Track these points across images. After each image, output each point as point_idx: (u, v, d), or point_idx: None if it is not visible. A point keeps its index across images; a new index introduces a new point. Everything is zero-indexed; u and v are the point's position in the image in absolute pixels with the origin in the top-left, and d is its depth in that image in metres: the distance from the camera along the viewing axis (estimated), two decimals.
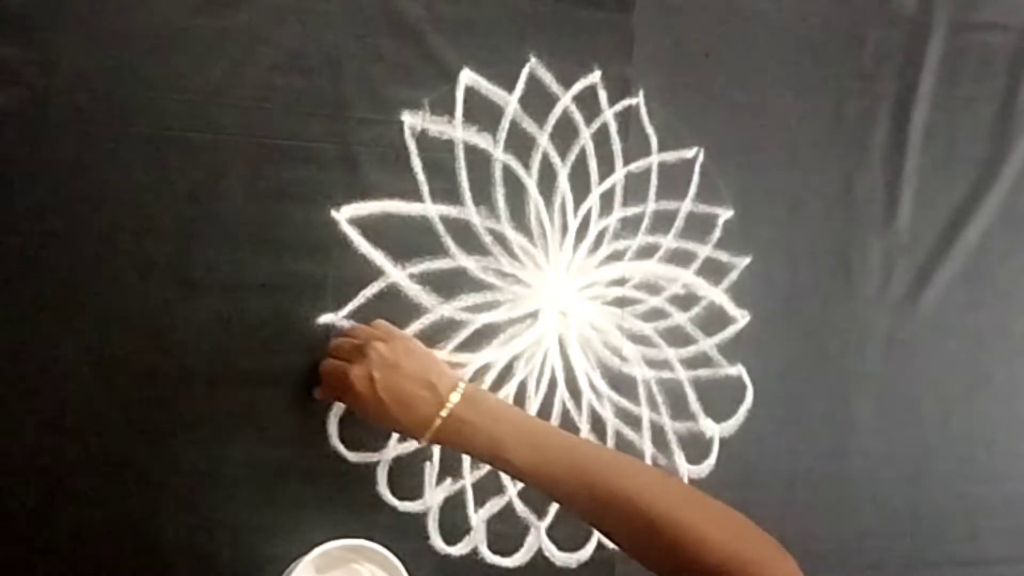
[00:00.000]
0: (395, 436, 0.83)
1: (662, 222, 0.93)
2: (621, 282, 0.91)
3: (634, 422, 0.91)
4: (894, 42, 1.00)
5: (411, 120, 0.83)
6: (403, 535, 0.82)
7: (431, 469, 0.84)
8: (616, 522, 0.66)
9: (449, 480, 0.85)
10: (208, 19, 0.77)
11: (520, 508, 0.87)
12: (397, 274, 0.83)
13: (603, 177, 0.90)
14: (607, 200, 0.91)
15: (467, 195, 0.85)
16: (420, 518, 0.84)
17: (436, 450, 0.84)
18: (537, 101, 0.87)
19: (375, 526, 0.81)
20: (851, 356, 0.99)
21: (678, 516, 0.62)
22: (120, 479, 0.76)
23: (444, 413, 0.69)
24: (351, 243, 0.81)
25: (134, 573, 0.76)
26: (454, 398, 0.70)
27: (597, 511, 0.66)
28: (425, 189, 0.84)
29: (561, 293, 0.89)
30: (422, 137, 0.84)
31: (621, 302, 0.91)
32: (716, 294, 0.95)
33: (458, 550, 0.85)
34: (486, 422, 0.69)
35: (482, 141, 0.86)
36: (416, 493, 0.84)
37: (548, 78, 0.88)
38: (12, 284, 0.73)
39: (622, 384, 0.91)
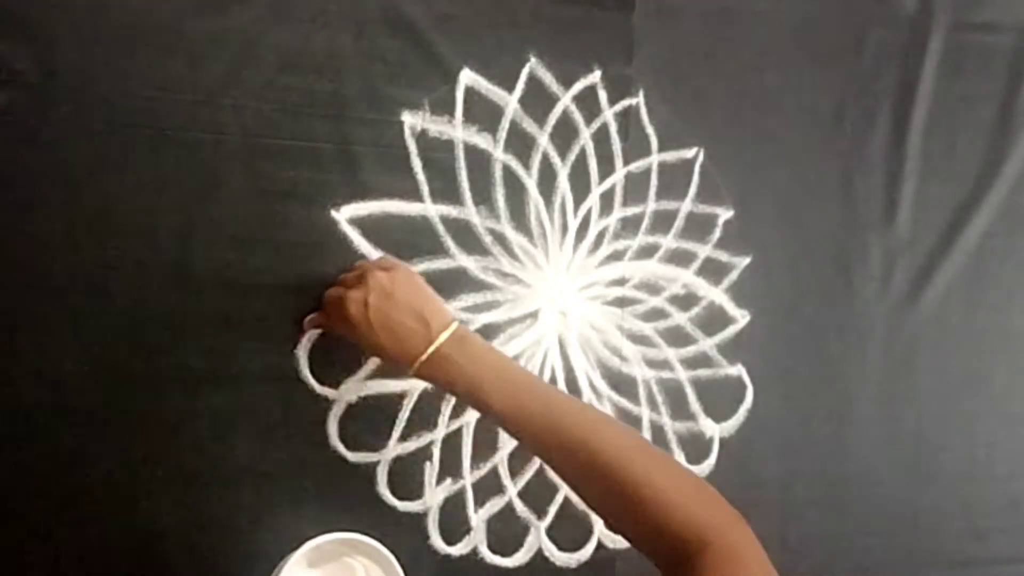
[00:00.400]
0: (395, 436, 0.83)
1: (662, 222, 0.93)
2: (621, 282, 0.91)
3: (634, 422, 0.91)
4: (894, 42, 1.00)
5: (411, 120, 0.83)
6: (403, 535, 0.82)
7: (431, 469, 0.84)
8: (585, 477, 0.67)
9: (449, 480, 0.85)
10: (208, 19, 0.77)
11: (520, 508, 0.87)
12: None
13: (603, 177, 0.90)
14: (607, 200, 0.91)
15: (467, 195, 0.85)
16: (420, 518, 0.84)
17: (436, 450, 0.84)
18: (537, 101, 0.87)
19: (375, 526, 0.80)
20: (851, 356, 0.99)
21: (647, 478, 0.64)
22: (120, 479, 0.76)
23: (431, 349, 0.70)
24: (351, 243, 0.81)
25: (133, 572, 0.76)
26: (444, 335, 0.71)
27: (568, 464, 0.68)
28: (425, 189, 0.84)
29: (561, 293, 0.89)
30: (422, 137, 0.84)
31: (621, 302, 0.91)
32: (716, 294, 0.95)
33: (458, 550, 0.85)
34: (470, 363, 0.71)
35: (482, 141, 0.86)
36: (416, 493, 0.84)
37: (548, 78, 0.88)
38: (12, 284, 0.73)
39: (622, 384, 0.91)
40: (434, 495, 0.84)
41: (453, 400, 0.85)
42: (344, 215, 0.81)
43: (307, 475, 0.80)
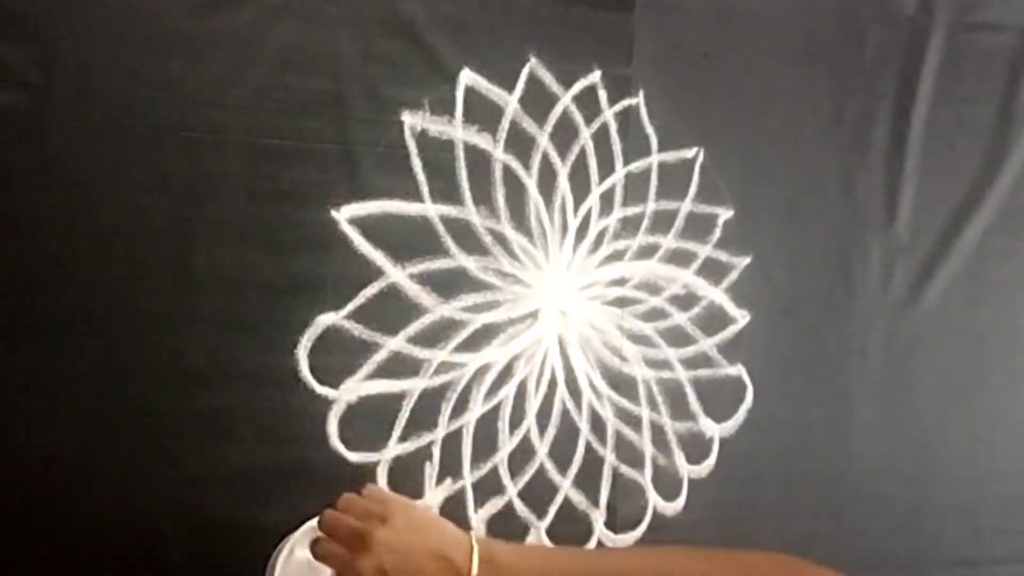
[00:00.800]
0: (395, 436, 0.83)
1: (662, 222, 0.93)
2: (621, 282, 0.91)
3: (634, 422, 0.91)
4: (894, 42, 1.00)
5: (411, 120, 0.83)
6: None
7: (431, 469, 0.84)
8: None
9: (449, 480, 0.85)
10: (208, 19, 0.77)
11: (520, 508, 0.87)
12: (397, 274, 0.83)
13: (603, 177, 0.90)
14: (607, 200, 0.91)
15: (467, 195, 0.85)
16: None
17: (436, 450, 0.84)
18: (537, 101, 0.87)
19: None
20: (851, 356, 0.99)
21: None
22: (120, 479, 0.76)
23: None
24: (351, 243, 0.81)
25: (133, 571, 0.76)
26: (474, 563, 0.64)
27: None
28: (425, 189, 0.84)
29: (561, 293, 0.89)
30: (422, 137, 0.84)
31: (621, 302, 0.91)
32: (716, 294, 0.95)
33: None
34: (516, 571, 0.64)
35: (482, 141, 0.86)
36: (416, 493, 0.84)
37: (548, 78, 0.88)
38: (12, 283, 0.73)
39: (622, 384, 0.91)
40: (434, 495, 0.84)
41: (453, 400, 0.85)
42: (344, 215, 0.81)
43: (307, 475, 0.80)
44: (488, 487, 0.86)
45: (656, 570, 0.63)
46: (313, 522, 0.71)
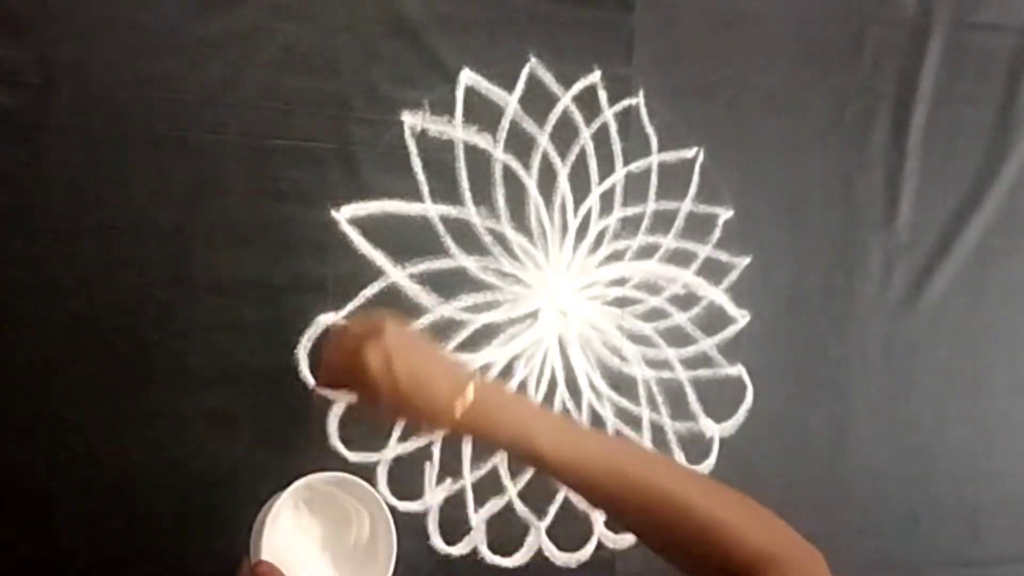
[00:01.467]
0: (395, 436, 0.83)
1: (662, 222, 0.93)
2: (621, 282, 0.91)
3: (634, 422, 0.91)
4: (894, 42, 1.00)
5: (411, 120, 0.83)
6: (403, 535, 0.82)
7: (431, 469, 0.84)
8: (646, 513, 0.63)
9: (449, 480, 0.85)
10: (208, 19, 0.77)
11: (520, 508, 0.87)
12: (397, 274, 0.83)
13: (603, 177, 0.90)
14: (607, 200, 0.91)
15: (467, 195, 0.85)
16: (420, 518, 0.84)
17: (436, 450, 0.84)
18: (537, 101, 0.87)
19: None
20: (851, 356, 0.99)
21: (712, 509, 0.62)
22: (120, 478, 0.76)
23: (467, 394, 0.62)
24: (351, 243, 0.81)
25: (133, 570, 0.76)
26: (474, 379, 0.63)
27: (627, 503, 0.64)
28: (425, 189, 0.84)
29: (561, 293, 0.89)
30: (422, 137, 0.84)
31: (621, 302, 0.91)
32: (716, 294, 0.95)
33: (458, 550, 0.85)
34: (509, 408, 0.64)
35: (482, 141, 0.86)
36: (416, 493, 0.84)
37: (548, 78, 0.88)
38: (12, 283, 0.73)
39: (622, 384, 0.91)
40: (434, 495, 0.84)
41: None
42: (344, 215, 0.81)
43: (307, 475, 0.80)
44: (488, 487, 0.86)
45: (640, 472, 0.63)
46: (301, 481, 0.71)
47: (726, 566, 0.60)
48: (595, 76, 0.89)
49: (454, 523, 0.85)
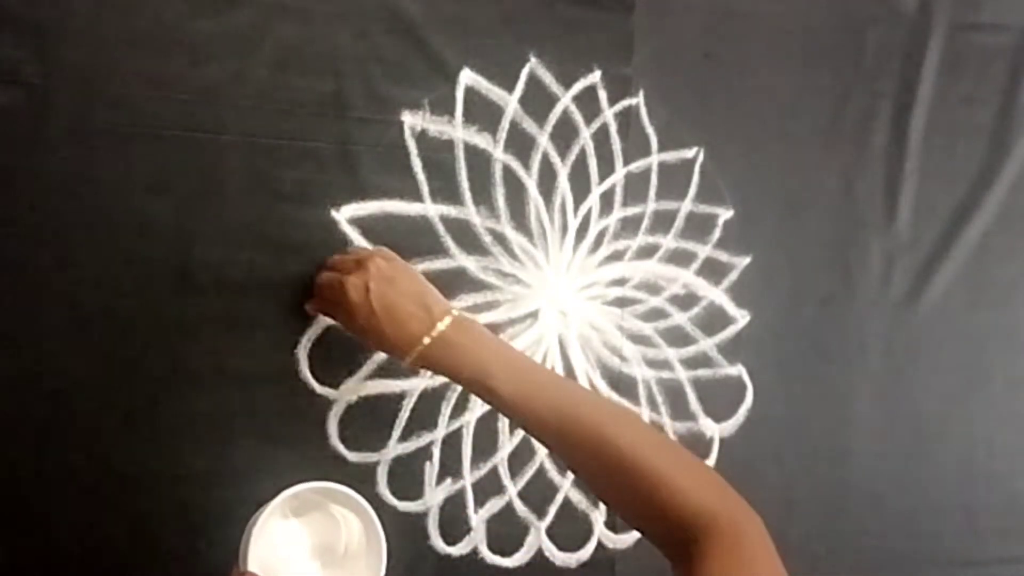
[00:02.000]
0: (395, 436, 0.83)
1: (662, 222, 0.93)
2: (621, 282, 0.91)
3: None
4: (894, 42, 1.00)
5: (411, 120, 0.83)
6: (403, 535, 0.82)
7: (431, 469, 0.84)
8: (594, 463, 0.66)
9: (449, 480, 0.85)
10: (208, 19, 0.77)
11: (520, 508, 0.87)
12: None
13: (603, 177, 0.90)
14: (607, 200, 0.91)
15: (467, 195, 0.85)
16: (420, 518, 0.84)
17: (436, 450, 0.84)
18: (537, 101, 0.87)
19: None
20: (851, 356, 0.99)
21: (657, 464, 0.63)
22: (120, 479, 0.76)
23: (434, 333, 0.69)
24: (351, 243, 0.81)
25: (132, 571, 0.76)
26: (446, 320, 0.70)
27: (576, 450, 0.67)
28: (425, 189, 0.84)
29: (561, 293, 0.89)
30: (422, 137, 0.84)
31: (621, 302, 0.91)
32: (716, 294, 0.95)
33: (458, 550, 0.85)
34: (475, 348, 0.70)
35: (482, 141, 0.86)
36: (416, 493, 0.84)
37: (548, 78, 0.88)
38: (11, 284, 0.73)
39: (622, 384, 0.91)
40: (434, 495, 0.84)
41: (453, 400, 0.85)
42: (344, 215, 0.81)
43: (307, 475, 0.80)
44: (488, 487, 0.86)
45: (590, 422, 0.66)
46: (288, 492, 0.71)
47: (666, 520, 0.62)
48: (595, 76, 0.89)
49: (454, 523, 0.85)
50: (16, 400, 0.73)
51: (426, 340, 0.70)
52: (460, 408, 0.85)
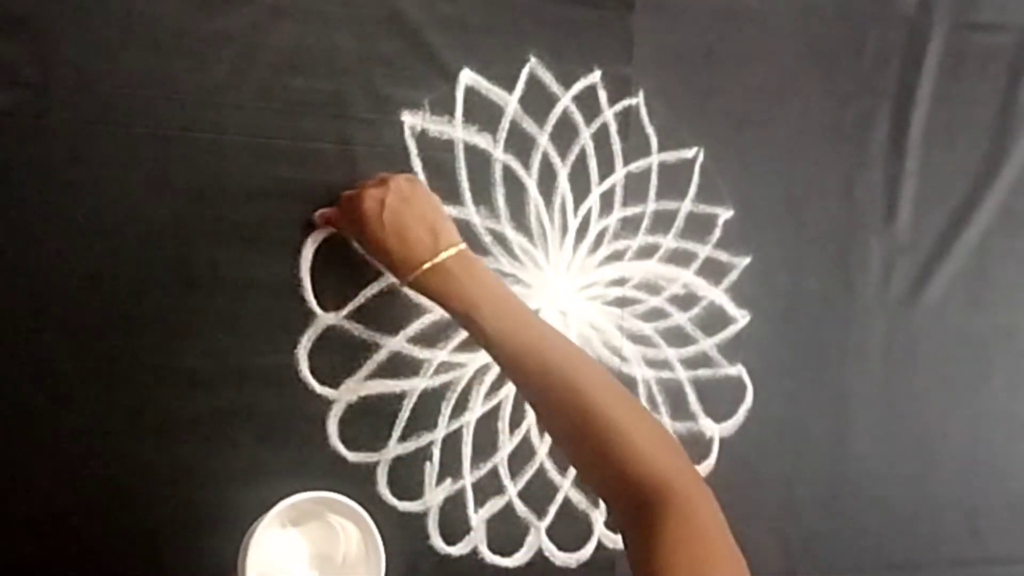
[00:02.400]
0: (395, 436, 0.83)
1: (662, 222, 0.93)
2: (621, 282, 0.91)
3: None
4: (894, 42, 1.00)
5: (411, 120, 0.83)
6: (403, 535, 0.82)
7: (431, 469, 0.84)
8: (561, 413, 0.67)
9: (449, 480, 0.85)
10: (208, 19, 0.77)
11: (520, 508, 0.87)
12: None
13: (603, 177, 0.90)
14: (607, 200, 0.91)
15: (467, 195, 0.85)
16: (420, 518, 0.84)
17: (436, 450, 0.84)
18: (537, 101, 0.87)
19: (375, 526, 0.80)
20: (851, 356, 0.99)
21: (625, 425, 0.64)
22: (120, 479, 0.76)
23: (436, 260, 0.70)
24: (351, 243, 0.81)
25: (132, 571, 0.76)
26: (451, 250, 0.71)
27: (546, 397, 0.68)
28: None
29: (561, 293, 0.89)
30: (422, 137, 0.84)
31: (621, 302, 0.91)
32: (716, 294, 0.95)
33: (458, 550, 0.85)
34: (470, 282, 0.71)
35: (482, 141, 0.86)
36: (416, 493, 0.84)
37: (548, 78, 0.88)
38: (11, 283, 0.73)
39: (622, 384, 0.91)
40: (434, 495, 0.84)
41: (453, 400, 0.85)
42: None
43: (307, 475, 0.80)
44: (488, 487, 0.86)
45: (566, 372, 0.67)
46: (285, 502, 0.71)
47: (624, 480, 0.62)
48: (595, 76, 0.89)
49: (454, 523, 0.85)
50: (16, 400, 0.73)
51: (426, 265, 0.71)
52: (460, 408, 0.85)
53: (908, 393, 1.01)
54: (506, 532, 0.87)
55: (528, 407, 0.78)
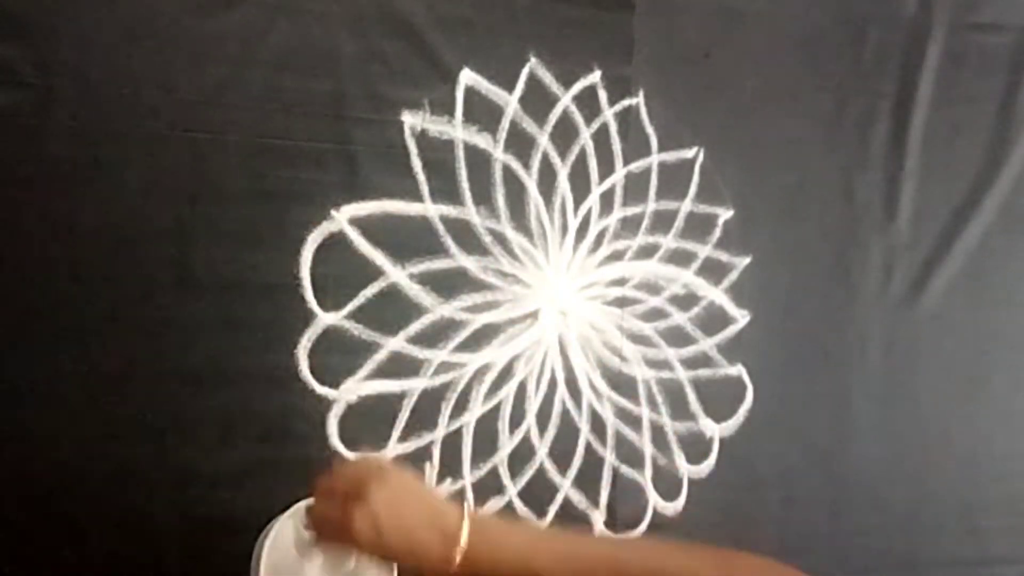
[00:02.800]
0: (395, 436, 0.83)
1: (662, 222, 0.93)
2: (621, 282, 0.91)
3: (634, 422, 0.91)
4: (894, 42, 1.00)
5: (411, 120, 0.83)
6: None
7: (431, 469, 0.84)
8: None
9: (449, 480, 0.85)
10: (208, 19, 0.77)
11: (520, 508, 0.87)
12: (397, 274, 0.83)
13: (603, 177, 0.90)
14: (607, 200, 0.91)
15: (467, 195, 0.85)
16: None
17: (436, 450, 0.84)
18: (537, 101, 0.87)
19: None
20: (851, 356, 0.99)
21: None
22: (120, 479, 0.76)
23: (458, 556, 0.64)
24: (351, 243, 0.81)
25: (132, 571, 0.76)
26: (464, 533, 0.65)
27: None
28: (425, 189, 0.84)
29: (561, 293, 0.89)
30: (422, 137, 0.84)
31: (621, 302, 0.91)
32: (716, 294, 0.95)
33: None
34: (509, 542, 0.66)
35: (482, 141, 0.86)
36: None
37: (548, 78, 0.88)
38: (12, 283, 0.73)
39: (622, 384, 0.91)
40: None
41: (453, 400, 0.85)
42: (344, 215, 0.81)
43: (307, 475, 0.80)
44: (488, 487, 0.86)
45: (642, 562, 0.64)
46: (299, 504, 0.71)
47: None
48: (595, 76, 0.89)
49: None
50: (16, 400, 0.73)
51: (456, 554, 0.64)
52: (460, 408, 0.85)
53: (908, 393, 1.01)
54: None
55: None
